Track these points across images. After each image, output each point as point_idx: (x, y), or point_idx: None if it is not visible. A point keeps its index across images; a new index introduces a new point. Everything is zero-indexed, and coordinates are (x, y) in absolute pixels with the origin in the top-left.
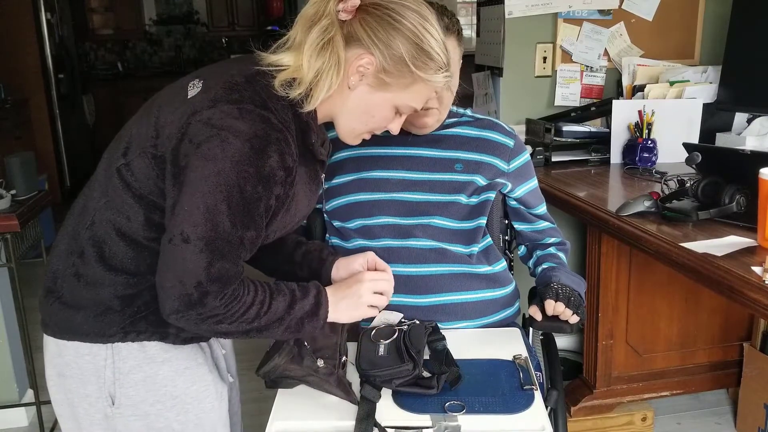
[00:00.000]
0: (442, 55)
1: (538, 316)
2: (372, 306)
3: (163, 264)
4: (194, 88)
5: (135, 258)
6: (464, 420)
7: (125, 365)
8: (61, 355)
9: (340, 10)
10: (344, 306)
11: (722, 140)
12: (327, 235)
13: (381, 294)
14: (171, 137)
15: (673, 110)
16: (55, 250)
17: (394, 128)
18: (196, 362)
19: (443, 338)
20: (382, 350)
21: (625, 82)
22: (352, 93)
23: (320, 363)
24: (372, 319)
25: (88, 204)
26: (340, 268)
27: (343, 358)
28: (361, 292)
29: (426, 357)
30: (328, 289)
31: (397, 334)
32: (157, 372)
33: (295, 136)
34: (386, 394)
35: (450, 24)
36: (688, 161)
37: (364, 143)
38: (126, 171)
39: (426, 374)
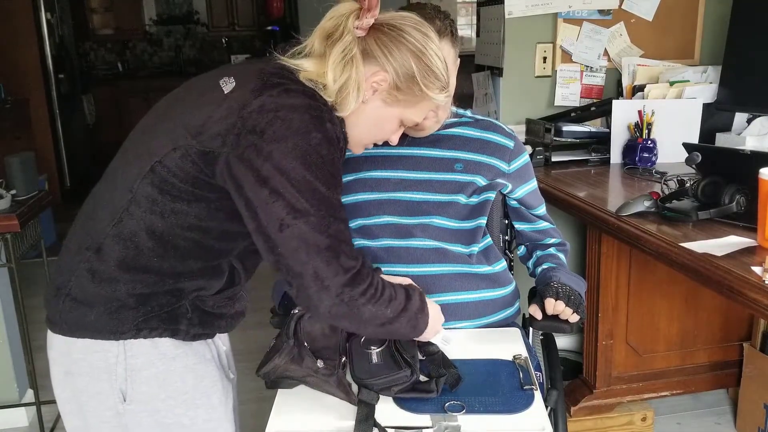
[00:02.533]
0: (445, 74)
1: (538, 315)
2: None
3: (289, 257)
4: (228, 84)
5: (161, 257)
6: (464, 420)
7: (137, 362)
8: (69, 353)
9: (357, 27)
10: (433, 318)
11: (722, 140)
12: None
13: None
14: (224, 134)
15: (673, 110)
16: (65, 248)
17: (395, 139)
18: (204, 359)
19: None
20: (375, 358)
21: (625, 82)
22: (365, 107)
23: (320, 364)
24: None
25: (110, 202)
26: None
27: (343, 358)
28: (441, 319)
29: (421, 357)
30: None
31: (387, 340)
32: (168, 368)
33: None
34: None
35: (443, 26)
36: (688, 161)
37: None
38: (161, 168)
39: (423, 378)
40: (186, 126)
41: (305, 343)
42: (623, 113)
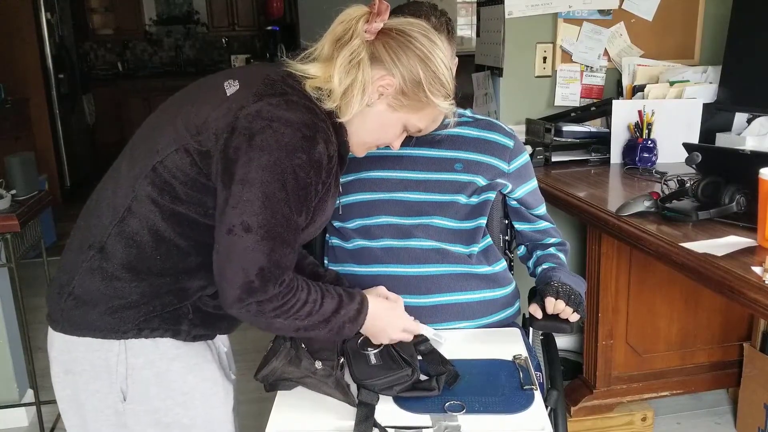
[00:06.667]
0: (451, 82)
1: (539, 314)
2: (391, 340)
3: (222, 255)
4: (231, 87)
5: (163, 256)
6: (464, 420)
7: (137, 361)
8: (70, 352)
9: (366, 30)
10: (378, 325)
11: (722, 140)
12: (327, 235)
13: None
14: (219, 132)
15: (673, 110)
16: (69, 246)
17: (397, 144)
18: (205, 359)
19: (426, 339)
20: (373, 359)
21: (625, 82)
22: (370, 110)
23: (318, 365)
24: None
25: (113, 201)
26: None
27: (341, 359)
28: (396, 323)
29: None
30: (370, 302)
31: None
32: (169, 368)
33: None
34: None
35: (438, 24)
36: (688, 161)
37: None
38: (162, 169)
39: (422, 377)
40: (187, 126)
41: (302, 345)
42: (623, 113)
